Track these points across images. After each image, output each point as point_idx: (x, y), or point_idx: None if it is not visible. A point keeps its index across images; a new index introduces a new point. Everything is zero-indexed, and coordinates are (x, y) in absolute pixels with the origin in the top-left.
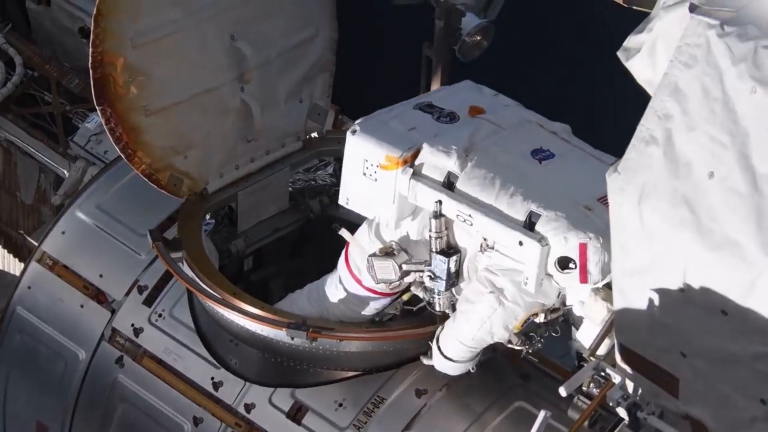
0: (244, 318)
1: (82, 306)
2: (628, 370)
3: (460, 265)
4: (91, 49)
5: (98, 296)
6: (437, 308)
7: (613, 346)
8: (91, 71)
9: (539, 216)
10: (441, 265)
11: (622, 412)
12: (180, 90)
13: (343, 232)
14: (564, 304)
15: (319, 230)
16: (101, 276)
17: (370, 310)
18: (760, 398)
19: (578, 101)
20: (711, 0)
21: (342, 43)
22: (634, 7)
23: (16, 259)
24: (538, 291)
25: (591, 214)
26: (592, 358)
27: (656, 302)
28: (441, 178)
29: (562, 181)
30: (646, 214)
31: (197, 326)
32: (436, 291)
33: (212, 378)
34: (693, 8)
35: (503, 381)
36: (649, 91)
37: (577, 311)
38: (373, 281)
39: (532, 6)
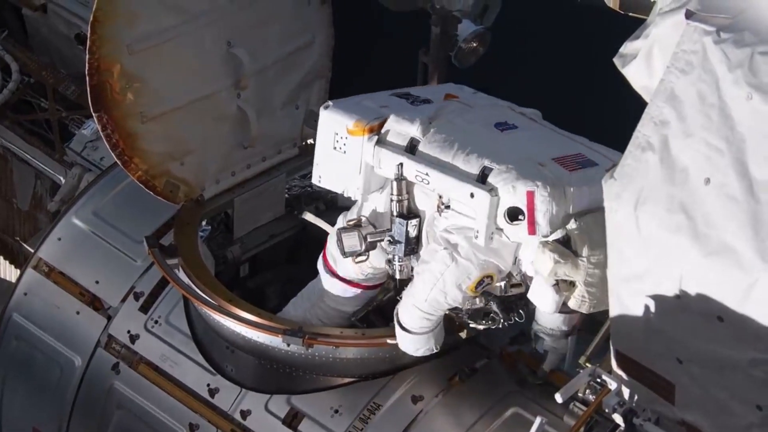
0: (240, 325)
1: (78, 312)
2: (624, 376)
3: (419, 231)
4: (87, 56)
5: (94, 303)
6: (397, 276)
7: (602, 349)
8: (87, 78)
9: (491, 170)
10: (400, 228)
11: (618, 418)
12: (176, 96)
13: (307, 215)
14: (521, 273)
15: (315, 237)
16: (97, 282)
17: (347, 305)
18: (757, 404)
19: (574, 108)
20: (707, 6)
21: (338, 49)
22: (631, 14)
23: (12, 266)
24: (488, 245)
25: (543, 168)
26: (588, 364)
27: (652, 308)
28: (404, 143)
29: (520, 146)
30: (642, 221)
31: (193, 333)
32: (396, 258)
33: (208, 384)
34: (689, 15)
35: (499, 387)
36: (646, 97)
37: (530, 273)
38: (341, 256)
39: (528, 13)
